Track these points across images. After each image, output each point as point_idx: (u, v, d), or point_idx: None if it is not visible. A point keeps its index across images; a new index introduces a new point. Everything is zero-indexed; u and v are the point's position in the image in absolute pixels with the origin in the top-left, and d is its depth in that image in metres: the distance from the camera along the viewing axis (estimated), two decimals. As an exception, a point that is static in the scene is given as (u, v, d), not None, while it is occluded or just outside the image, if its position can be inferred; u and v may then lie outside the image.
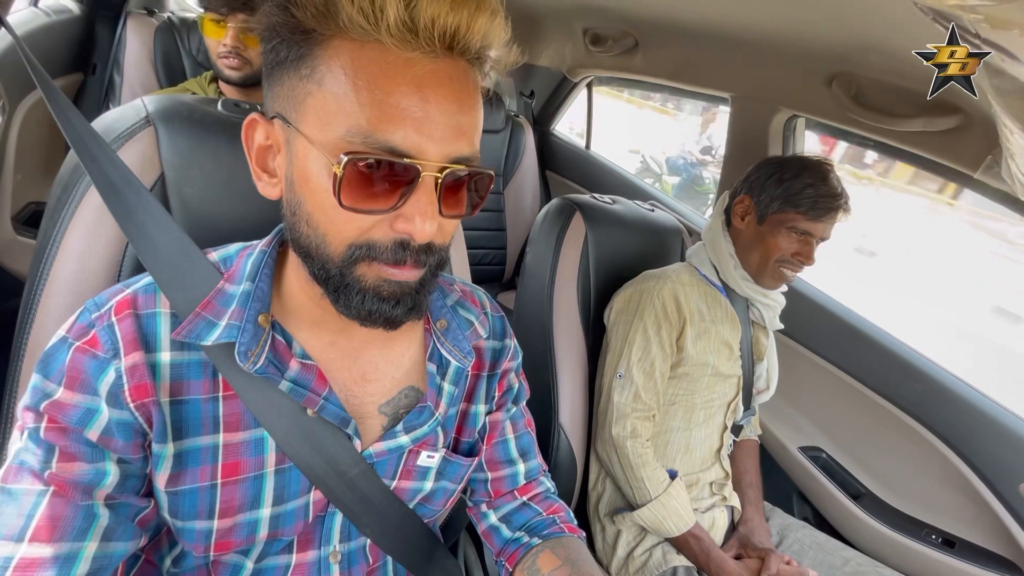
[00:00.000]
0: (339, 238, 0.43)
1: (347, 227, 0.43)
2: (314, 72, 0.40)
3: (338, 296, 0.45)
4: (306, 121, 0.42)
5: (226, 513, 0.49)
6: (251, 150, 0.47)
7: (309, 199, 0.43)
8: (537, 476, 0.72)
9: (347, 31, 0.39)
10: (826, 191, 0.97)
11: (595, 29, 1.78)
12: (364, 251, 0.43)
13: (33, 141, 1.60)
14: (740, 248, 1.07)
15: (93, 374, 0.44)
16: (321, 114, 0.41)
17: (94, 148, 0.52)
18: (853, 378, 1.31)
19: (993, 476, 1.10)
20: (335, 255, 0.44)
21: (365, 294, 0.44)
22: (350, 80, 0.39)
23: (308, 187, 0.43)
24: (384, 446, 0.55)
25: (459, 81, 0.42)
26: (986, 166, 0.88)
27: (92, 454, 0.44)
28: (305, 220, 0.44)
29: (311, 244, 0.44)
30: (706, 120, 5.80)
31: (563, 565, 0.62)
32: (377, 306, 0.45)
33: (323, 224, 0.43)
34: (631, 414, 1.03)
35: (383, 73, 0.39)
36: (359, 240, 0.43)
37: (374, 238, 0.43)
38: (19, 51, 0.52)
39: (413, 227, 0.42)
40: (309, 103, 0.41)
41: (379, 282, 0.44)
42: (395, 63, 0.39)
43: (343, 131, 0.40)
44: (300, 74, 0.41)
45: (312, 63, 0.40)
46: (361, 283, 0.44)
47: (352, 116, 0.39)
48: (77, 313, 0.47)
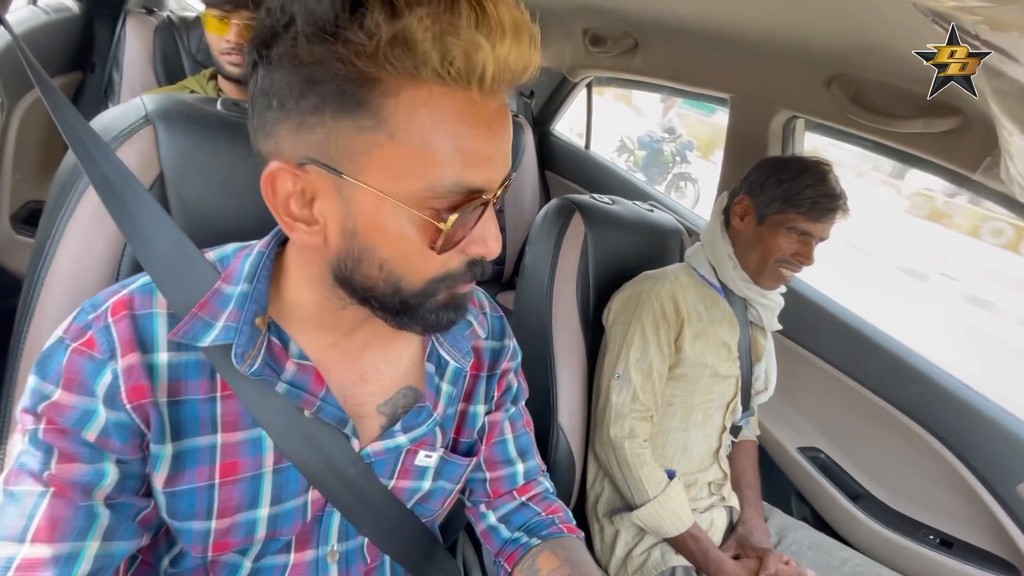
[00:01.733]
0: (419, 276, 0.44)
1: (429, 266, 0.44)
2: (382, 125, 0.38)
3: (402, 318, 0.46)
4: (370, 172, 0.39)
5: (224, 513, 0.49)
6: (277, 202, 0.43)
7: (385, 247, 0.42)
8: (536, 476, 0.72)
9: (424, 80, 0.37)
10: (825, 191, 0.98)
11: (595, 29, 1.78)
12: (446, 282, 0.45)
13: (32, 140, 1.59)
14: (739, 248, 1.07)
15: (90, 376, 0.44)
16: (395, 166, 0.39)
17: (92, 147, 0.52)
18: (851, 379, 1.31)
19: (991, 477, 1.10)
20: (415, 289, 0.44)
21: (437, 311, 0.47)
22: (429, 132, 0.38)
23: (385, 236, 0.42)
24: (382, 446, 0.54)
25: (505, 111, 0.43)
26: (985, 167, 0.88)
27: (91, 455, 0.44)
28: (378, 266, 0.43)
29: (382, 284, 0.44)
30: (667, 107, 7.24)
31: (562, 565, 0.62)
32: (447, 316, 0.47)
33: (401, 266, 0.43)
34: (629, 415, 1.03)
35: (461, 120, 0.39)
36: (440, 272, 0.44)
37: (452, 268, 0.45)
38: (17, 50, 0.52)
39: (487, 249, 0.44)
40: (375, 155, 0.39)
41: (449, 299, 0.47)
42: (468, 106, 0.39)
43: (426, 183, 0.39)
44: (357, 124, 0.38)
45: (377, 114, 0.38)
46: (434, 303, 0.46)
47: (436, 167, 0.39)
48: (74, 314, 0.47)
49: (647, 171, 6.79)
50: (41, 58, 0.52)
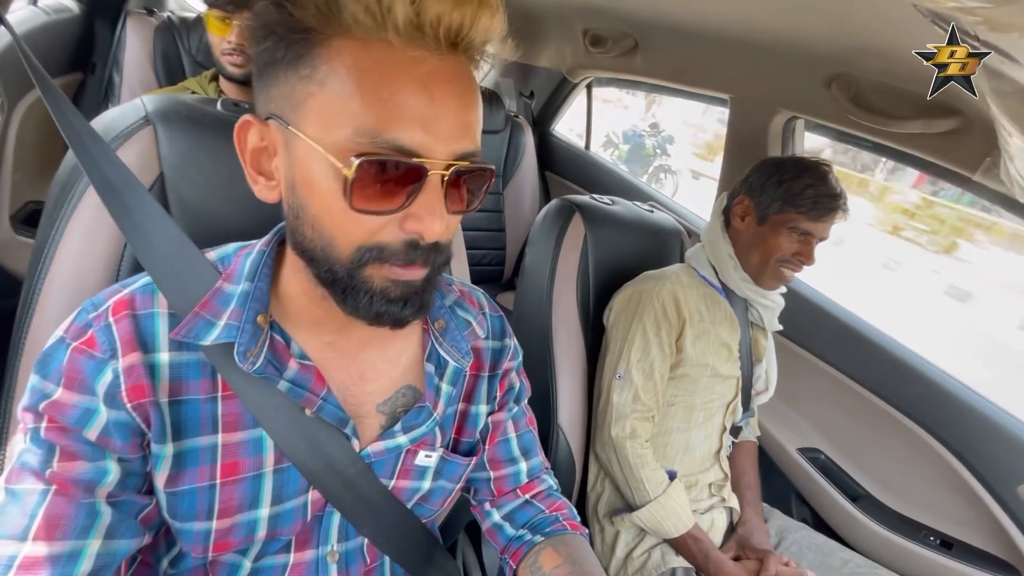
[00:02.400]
0: (347, 241, 0.42)
1: (355, 230, 0.42)
2: (315, 72, 0.39)
3: (345, 298, 0.45)
4: (307, 123, 0.41)
5: (225, 513, 0.49)
6: (245, 152, 0.46)
7: (314, 202, 0.42)
8: (539, 474, 0.72)
9: (351, 30, 0.38)
10: (826, 191, 0.98)
11: (595, 30, 1.78)
12: (374, 253, 0.43)
13: (32, 140, 1.59)
14: (740, 249, 1.07)
15: (91, 375, 0.44)
16: (324, 115, 0.40)
17: (92, 147, 0.52)
18: (852, 380, 1.31)
19: (991, 478, 1.10)
20: (343, 258, 0.43)
21: (373, 296, 0.44)
22: (355, 80, 0.38)
23: (312, 190, 0.42)
24: (382, 445, 0.54)
25: (463, 78, 0.42)
26: (985, 168, 0.88)
27: (92, 453, 0.44)
28: (310, 224, 0.43)
29: (316, 247, 0.44)
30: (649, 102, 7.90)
31: (564, 563, 0.62)
32: (386, 308, 0.45)
33: (329, 227, 0.42)
34: (630, 415, 1.03)
35: (389, 72, 0.39)
36: (368, 243, 0.42)
37: (383, 240, 0.42)
38: (18, 50, 0.52)
39: (423, 226, 0.42)
40: (310, 104, 0.40)
41: (387, 284, 0.44)
42: (401, 62, 0.39)
43: (349, 132, 0.39)
44: (299, 74, 0.40)
45: (312, 63, 0.39)
46: (369, 285, 0.44)
47: (358, 116, 0.39)
48: (75, 313, 0.47)
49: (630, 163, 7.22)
50: (41, 58, 0.52)
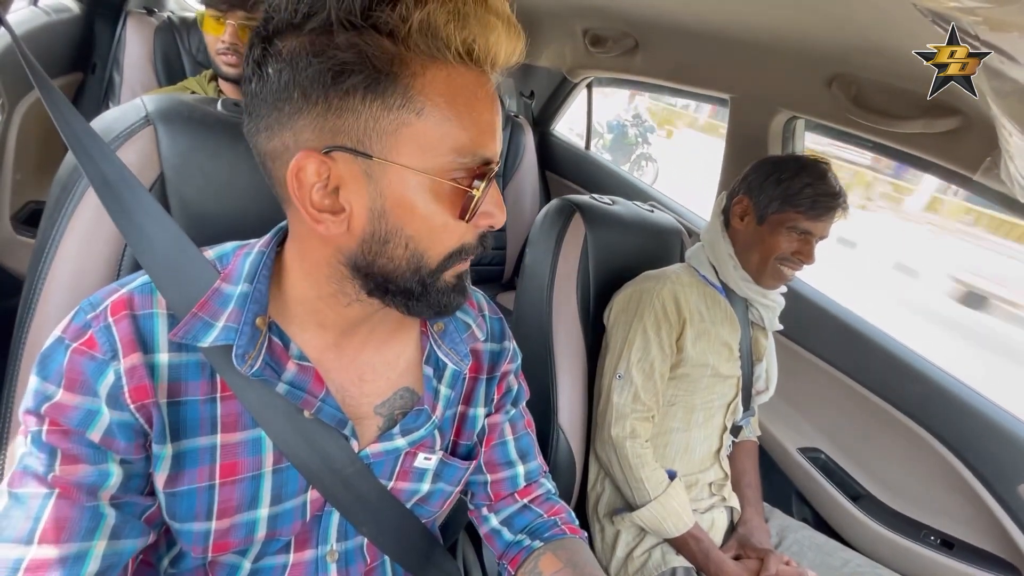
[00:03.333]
0: (438, 251, 0.46)
1: (450, 238, 0.46)
2: (410, 102, 0.41)
3: (414, 303, 0.48)
4: (400, 151, 0.42)
5: (224, 514, 0.49)
6: (305, 194, 0.43)
7: (412, 224, 0.44)
8: (538, 478, 0.72)
9: (445, 60, 0.41)
10: (825, 190, 0.98)
11: (595, 30, 1.78)
12: (459, 255, 0.47)
13: (33, 140, 1.59)
14: (739, 248, 1.07)
15: (92, 376, 0.44)
16: (423, 142, 0.42)
17: (90, 147, 0.52)
18: (852, 379, 1.31)
19: (992, 477, 1.10)
20: (432, 265, 0.46)
21: (446, 292, 0.49)
22: (451, 106, 0.42)
23: (412, 213, 0.44)
24: (381, 447, 0.55)
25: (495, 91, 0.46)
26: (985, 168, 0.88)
27: (94, 455, 0.44)
28: (403, 245, 0.45)
29: (403, 265, 0.46)
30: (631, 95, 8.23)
31: (564, 567, 0.62)
32: (456, 299, 0.50)
33: (425, 242, 0.45)
34: (630, 415, 1.03)
35: (474, 96, 0.43)
36: (457, 245, 0.47)
37: (467, 240, 0.47)
38: (17, 50, 0.52)
39: (495, 219, 0.47)
40: (404, 133, 0.41)
41: (454, 279, 0.49)
42: (476, 84, 0.43)
43: (451, 154, 0.42)
44: (387, 104, 0.40)
45: (406, 92, 0.41)
46: (444, 283, 0.48)
47: (457, 139, 0.42)
48: (72, 313, 0.47)
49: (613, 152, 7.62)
50: (42, 59, 0.52)
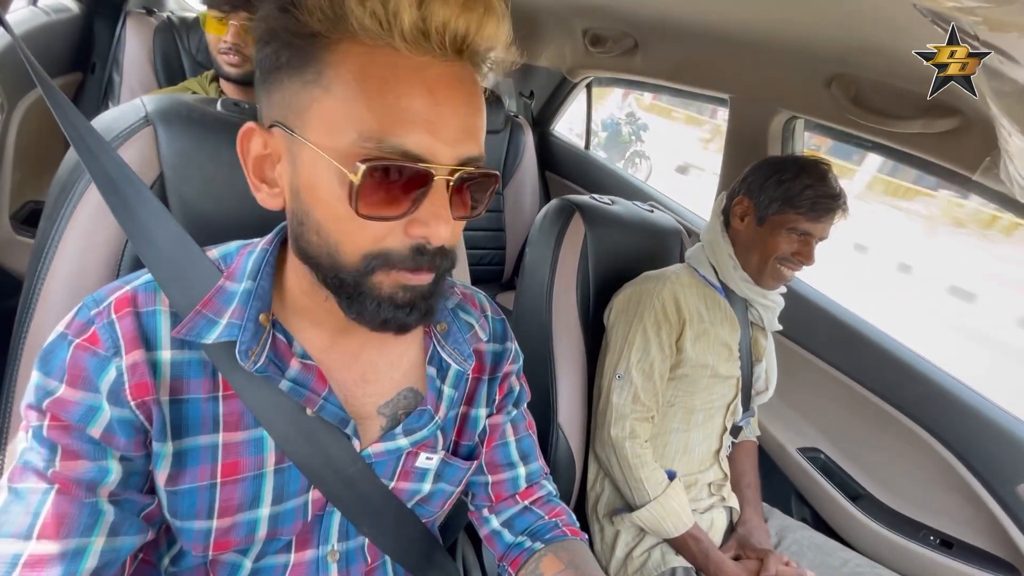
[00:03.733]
0: (353, 247, 0.42)
1: (361, 236, 0.42)
2: (320, 77, 0.39)
3: (351, 304, 0.45)
4: (312, 128, 0.41)
5: (225, 512, 0.49)
6: (247, 160, 0.46)
7: (318, 209, 0.42)
8: (539, 479, 0.72)
9: (357, 35, 0.38)
10: (825, 191, 0.98)
11: (595, 30, 1.78)
12: (381, 260, 0.42)
13: (32, 140, 1.59)
14: (739, 249, 1.07)
15: (94, 372, 0.44)
16: (329, 120, 0.40)
17: (93, 145, 0.52)
18: (852, 379, 1.31)
19: (991, 477, 1.10)
20: (350, 265, 0.43)
21: (381, 302, 0.44)
22: (360, 84, 0.38)
23: (317, 196, 0.42)
24: (383, 447, 0.54)
25: (468, 83, 0.42)
26: (984, 167, 0.88)
27: (95, 452, 0.44)
28: (314, 230, 0.43)
29: (322, 254, 0.44)
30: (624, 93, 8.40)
31: (566, 569, 0.62)
32: (393, 314, 0.44)
33: (335, 234, 0.42)
34: (630, 415, 1.03)
35: (394, 77, 0.39)
36: (374, 249, 0.42)
37: (389, 246, 0.42)
38: (18, 50, 0.52)
39: (429, 231, 0.42)
40: (315, 109, 0.40)
41: (395, 290, 0.44)
42: (406, 67, 0.39)
43: (354, 137, 0.39)
44: (304, 79, 0.40)
45: (318, 68, 0.39)
46: (377, 291, 0.44)
47: (363, 121, 0.39)
48: (76, 309, 0.47)
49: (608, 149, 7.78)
50: (41, 59, 0.52)
